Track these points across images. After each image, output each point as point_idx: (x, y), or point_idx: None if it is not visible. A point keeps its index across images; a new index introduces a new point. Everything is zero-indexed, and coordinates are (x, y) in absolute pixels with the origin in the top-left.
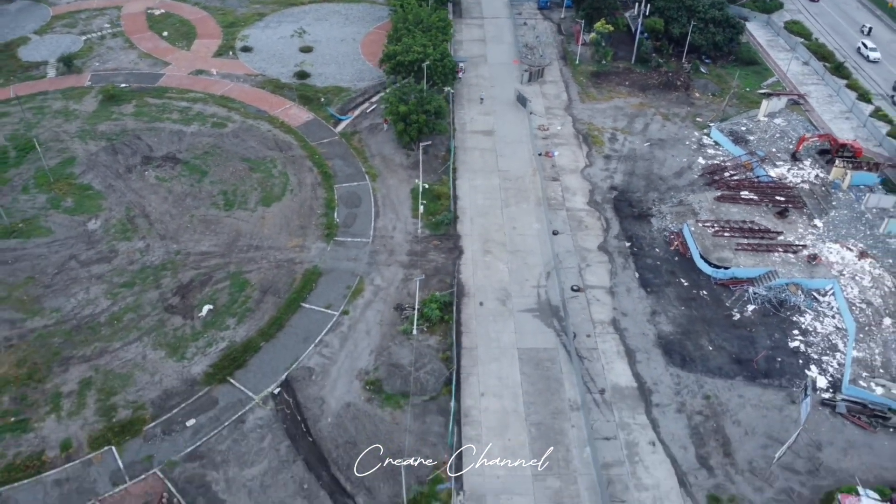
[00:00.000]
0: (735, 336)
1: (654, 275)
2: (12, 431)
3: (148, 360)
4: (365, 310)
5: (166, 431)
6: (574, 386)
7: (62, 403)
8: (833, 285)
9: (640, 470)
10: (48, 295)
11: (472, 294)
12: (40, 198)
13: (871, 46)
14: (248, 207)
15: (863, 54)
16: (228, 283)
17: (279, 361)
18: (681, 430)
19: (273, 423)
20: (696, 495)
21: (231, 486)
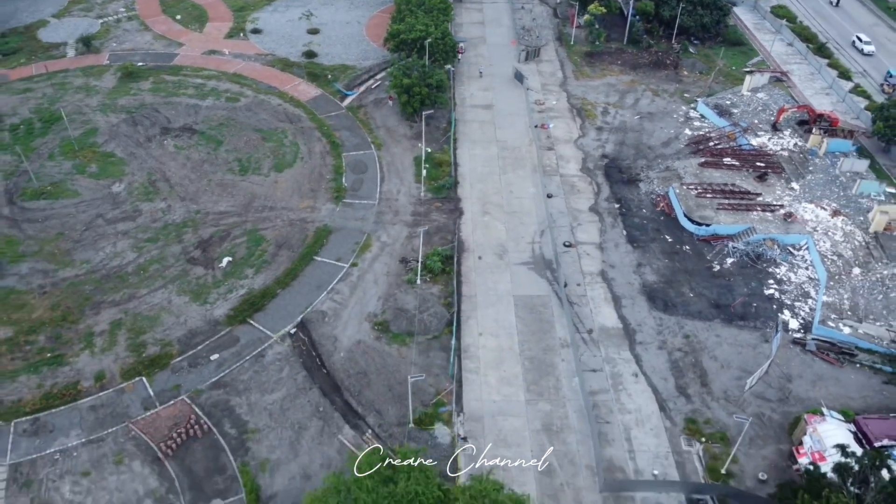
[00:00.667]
0: (714, 285)
1: (641, 232)
2: (49, 365)
3: (173, 305)
4: (372, 262)
5: (192, 364)
6: (564, 327)
7: (95, 341)
8: (807, 240)
9: (624, 397)
10: (77, 249)
11: (472, 249)
12: (66, 164)
13: (865, 40)
14: (262, 173)
15: (857, 48)
16: (245, 239)
17: (294, 306)
18: (662, 364)
19: (290, 357)
20: (675, 418)
21: (253, 410)
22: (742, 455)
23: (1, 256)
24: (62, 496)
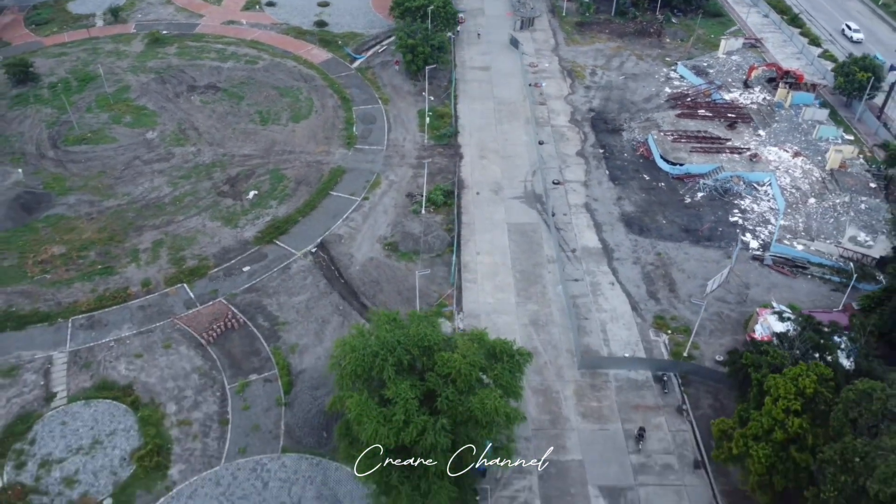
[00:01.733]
0: (685, 213)
1: (622, 172)
2: (100, 275)
3: (207, 228)
4: (382, 197)
5: (227, 274)
6: (551, 247)
7: (140, 256)
8: (770, 178)
9: (601, 300)
10: (118, 184)
11: (471, 186)
12: (103, 116)
13: (854, 28)
14: (281, 123)
15: (847, 35)
16: (269, 177)
17: (314, 230)
18: (635, 275)
19: (313, 269)
20: (645, 316)
21: (282, 308)
22: (702, 343)
23: (50, 190)
24: (119, 372)
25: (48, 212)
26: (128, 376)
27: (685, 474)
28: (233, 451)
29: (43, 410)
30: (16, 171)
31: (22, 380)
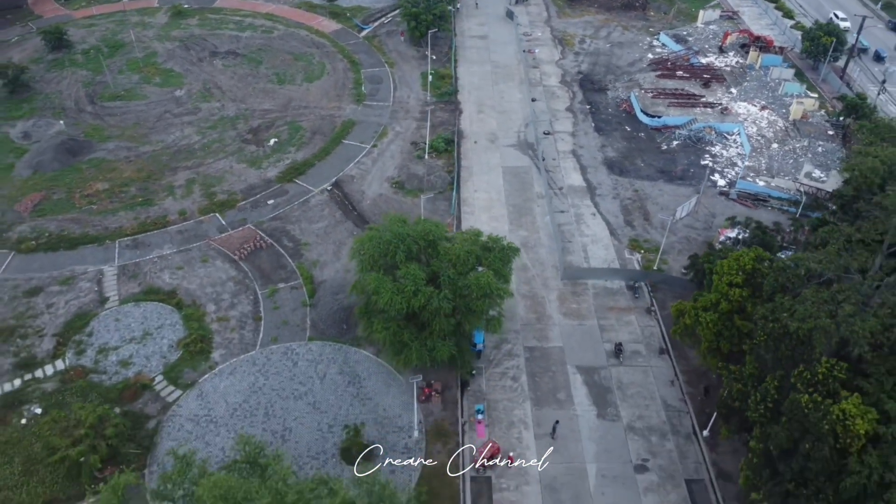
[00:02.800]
0: (661, 158)
1: (606, 124)
2: (141, 205)
3: (234, 169)
4: (389, 145)
5: (253, 206)
6: (541, 186)
7: (175, 191)
8: (739, 128)
9: (584, 227)
10: (152, 133)
11: (469, 136)
12: (134, 77)
13: (841, 16)
14: (296, 83)
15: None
16: (287, 127)
17: (329, 172)
18: (614, 208)
19: (329, 203)
20: (621, 239)
21: (304, 232)
22: (671, 260)
23: (90, 138)
24: (163, 280)
25: (90, 155)
26: (171, 283)
27: (651, 358)
28: (266, 339)
29: (98, 310)
30: (58, 122)
31: (77, 287)
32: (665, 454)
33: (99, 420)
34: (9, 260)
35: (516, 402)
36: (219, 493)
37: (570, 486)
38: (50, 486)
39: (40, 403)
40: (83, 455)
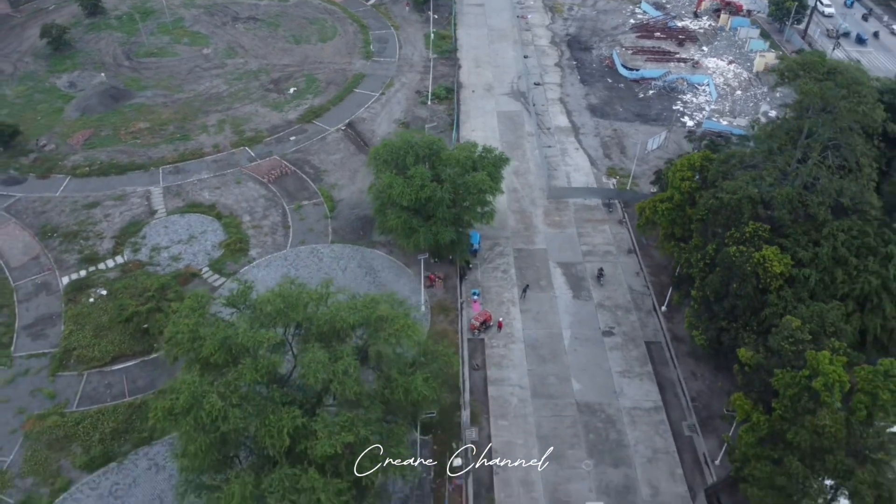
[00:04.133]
0: (639, 104)
1: (590, 77)
2: (179, 140)
3: (259, 112)
4: (395, 93)
5: (278, 141)
6: (531, 126)
7: (209, 129)
8: (708, 80)
9: (567, 158)
10: (185, 84)
11: (467, 86)
12: (165, 38)
13: (826, 3)
14: (311, 43)
15: (819, 10)
16: (304, 79)
17: (343, 115)
18: (595, 143)
19: (344, 139)
20: (600, 168)
21: (323, 162)
22: (641, 183)
23: (130, 87)
24: (204, 197)
25: (131, 101)
26: (211, 199)
27: (620, 256)
28: (295, 242)
29: (148, 220)
30: (99, 74)
31: (129, 202)
32: (628, 324)
33: (161, 287)
34: (66, 182)
35: (506, 287)
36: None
37: (548, 346)
38: (118, 344)
39: (104, 287)
40: (151, 311)
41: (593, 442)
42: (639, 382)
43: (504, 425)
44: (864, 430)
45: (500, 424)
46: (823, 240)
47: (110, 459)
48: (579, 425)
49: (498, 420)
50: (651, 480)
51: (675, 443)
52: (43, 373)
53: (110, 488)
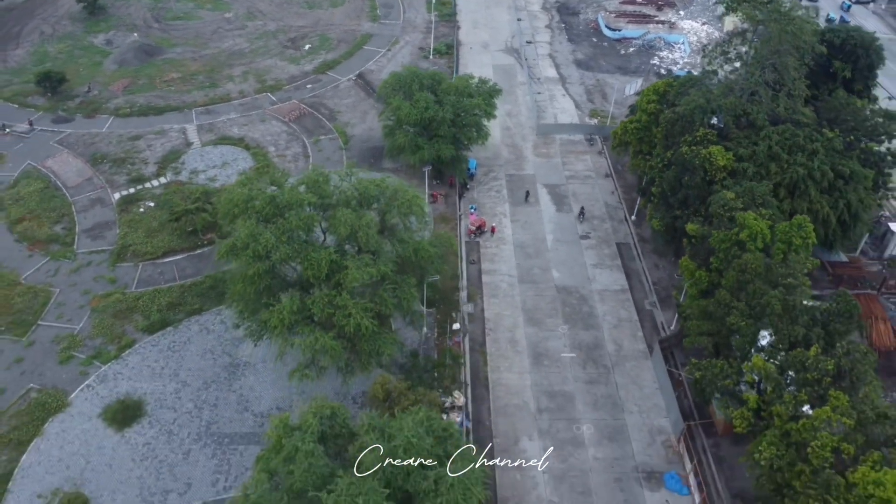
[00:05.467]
0: (620, 59)
1: (577, 37)
2: (208, 88)
3: (278, 65)
4: (400, 49)
5: (296, 88)
6: (523, 76)
7: (234, 78)
8: (683, 39)
9: (555, 103)
10: (210, 42)
11: (466, 44)
12: (189, 4)
13: None
14: (323, 8)
15: None
16: (318, 38)
17: (354, 67)
18: (580, 91)
19: (355, 87)
20: (584, 110)
21: (337, 105)
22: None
23: (161, 45)
24: (233, 132)
25: (163, 56)
26: (239, 133)
27: (598, 179)
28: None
29: (185, 150)
30: (132, 35)
31: (168, 136)
32: (603, 230)
33: (204, 193)
34: (110, 121)
35: (499, 203)
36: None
37: (534, 246)
38: (167, 242)
39: (152, 200)
40: (197, 210)
41: (568, 313)
42: (609, 272)
43: (495, 302)
44: (779, 267)
45: (492, 301)
46: (760, 140)
47: (167, 325)
48: (557, 302)
49: (490, 298)
50: (616, 340)
51: (637, 314)
52: (103, 265)
53: (168, 345)
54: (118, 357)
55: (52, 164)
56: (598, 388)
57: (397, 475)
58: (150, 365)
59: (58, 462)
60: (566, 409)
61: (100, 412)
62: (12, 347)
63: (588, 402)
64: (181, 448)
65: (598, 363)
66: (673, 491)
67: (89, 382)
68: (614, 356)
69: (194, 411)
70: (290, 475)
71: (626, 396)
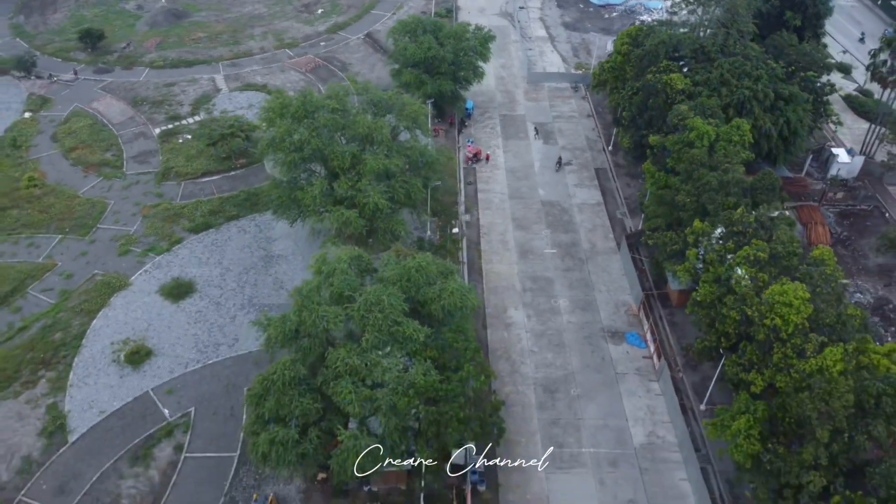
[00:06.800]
0: (604, 22)
1: (566, 3)
2: (232, 45)
3: (294, 26)
4: (404, 14)
5: (311, 46)
6: (516, 36)
7: (255, 37)
8: (661, 5)
9: (545, 57)
10: (231, 8)
11: (464, 9)
12: None
13: None
14: None
15: None
16: (329, 3)
17: (362, 28)
18: (567, 48)
19: (363, 44)
20: (570, 64)
21: (348, 59)
22: None
23: (187, 10)
24: (256, 80)
25: (189, 19)
26: (262, 81)
27: (581, 119)
28: None
29: (215, 94)
30: (160, 1)
31: (199, 83)
32: (583, 158)
33: (236, 120)
34: (146, 72)
35: (493, 137)
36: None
37: (523, 171)
38: (205, 165)
39: (188, 133)
40: (233, 135)
41: (550, 221)
42: (587, 190)
43: (489, 213)
44: (720, 157)
45: (486, 213)
46: (713, 69)
47: (210, 227)
48: (542, 213)
49: (484, 210)
50: (590, 240)
51: (609, 222)
52: (150, 183)
53: (212, 242)
54: (169, 250)
55: (98, 105)
56: (573, 274)
57: (411, 288)
58: (197, 256)
59: (124, 325)
60: (546, 290)
61: (157, 289)
62: (77, 244)
63: (564, 283)
64: (228, 314)
65: (574, 257)
66: (633, 345)
67: (146, 268)
68: (588, 252)
69: (237, 289)
70: (331, 286)
71: (597, 280)
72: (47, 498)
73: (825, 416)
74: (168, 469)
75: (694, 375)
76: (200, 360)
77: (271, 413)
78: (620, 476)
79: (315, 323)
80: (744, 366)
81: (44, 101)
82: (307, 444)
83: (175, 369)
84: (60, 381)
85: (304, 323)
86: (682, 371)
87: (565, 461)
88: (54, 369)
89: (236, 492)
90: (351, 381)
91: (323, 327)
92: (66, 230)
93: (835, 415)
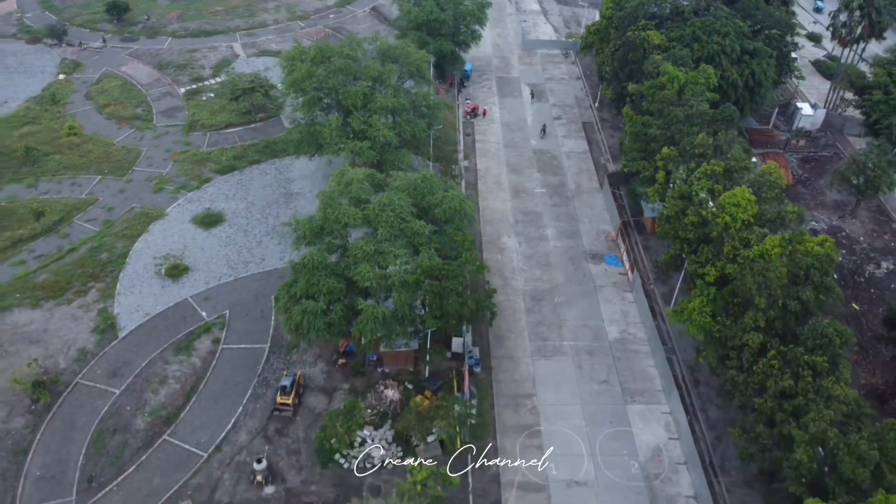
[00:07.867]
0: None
1: None
2: (248, 17)
3: (304, 2)
4: None
5: (321, 18)
6: (512, 10)
7: (269, 10)
8: None
9: (538, 28)
10: None
11: None
12: None
13: None
14: None
15: None
16: None
17: (368, 3)
18: (559, 20)
19: (369, 16)
20: (562, 34)
21: (355, 29)
22: None
23: None
24: (271, 48)
25: None
26: (277, 48)
27: (570, 81)
28: None
29: (234, 59)
30: None
31: (218, 50)
32: (572, 113)
33: (256, 76)
34: (169, 41)
35: (490, 95)
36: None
37: (517, 125)
38: (228, 118)
39: (211, 92)
40: (254, 90)
41: (541, 166)
42: (575, 140)
43: (485, 160)
44: (687, 95)
45: (483, 159)
46: (686, 27)
47: (234, 169)
48: (534, 160)
49: (481, 157)
50: (576, 181)
51: (594, 166)
52: (178, 133)
53: (237, 181)
54: (199, 188)
55: (126, 69)
56: (560, 209)
57: (417, 195)
58: (224, 193)
59: (162, 246)
60: (536, 222)
61: (190, 219)
62: (115, 184)
63: (552, 216)
64: (254, 239)
65: (561, 195)
66: (611, 264)
67: (179, 203)
68: (574, 191)
69: (262, 219)
70: (349, 193)
71: (581, 213)
72: (102, 380)
73: (763, 287)
74: (208, 357)
75: (663, 287)
76: (232, 275)
77: (302, 291)
78: (596, 362)
79: (337, 219)
80: (701, 263)
81: (76, 65)
82: (333, 314)
83: (210, 281)
84: (108, 291)
85: (327, 219)
86: (653, 283)
87: (549, 351)
88: (102, 281)
89: (268, 374)
90: (368, 265)
91: (344, 223)
92: (104, 172)
93: (771, 285)
